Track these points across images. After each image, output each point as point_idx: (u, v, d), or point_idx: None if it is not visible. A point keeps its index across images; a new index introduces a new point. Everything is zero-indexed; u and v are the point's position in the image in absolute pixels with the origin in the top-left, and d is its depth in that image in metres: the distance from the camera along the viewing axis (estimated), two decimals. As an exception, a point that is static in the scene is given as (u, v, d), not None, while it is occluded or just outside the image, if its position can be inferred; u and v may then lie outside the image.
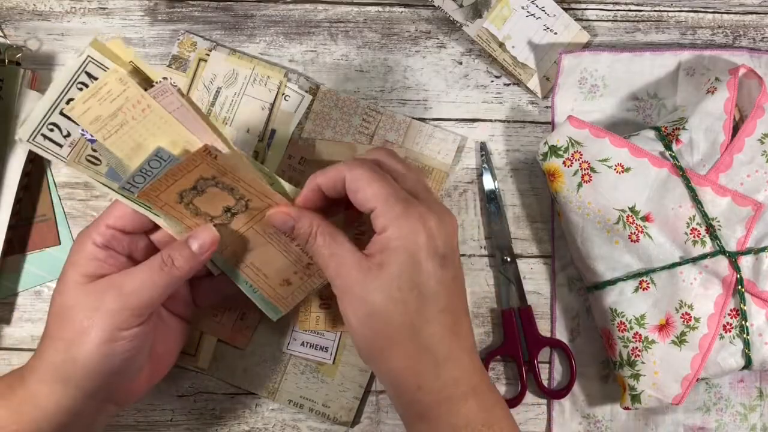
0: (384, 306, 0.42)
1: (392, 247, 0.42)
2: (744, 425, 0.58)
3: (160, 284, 0.45)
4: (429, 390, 0.43)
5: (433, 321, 0.43)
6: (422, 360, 0.43)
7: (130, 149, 0.44)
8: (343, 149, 0.58)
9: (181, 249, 0.46)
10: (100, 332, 0.44)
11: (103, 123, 0.43)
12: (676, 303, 0.53)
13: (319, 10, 0.60)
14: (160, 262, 0.45)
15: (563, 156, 0.54)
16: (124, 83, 0.43)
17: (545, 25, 0.59)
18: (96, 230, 0.46)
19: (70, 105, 0.43)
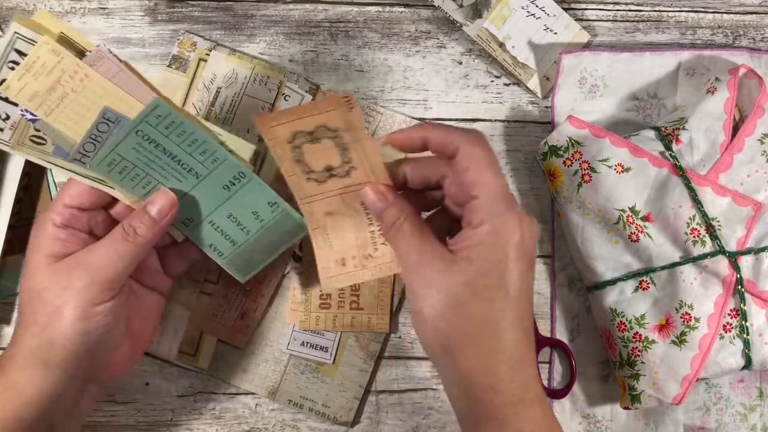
0: (468, 300, 0.41)
1: (486, 243, 0.41)
2: (744, 425, 0.58)
3: (125, 255, 0.45)
4: (501, 391, 0.42)
5: (515, 323, 0.42)
6: (500, 360, 0.42)
7: (74, 122, 0.43)
8: (343, 149, 0.58)
9: (141, 216, 0.45)
10: (73, 310, 0.44)
11: (43, 98, 0.42)
12: (676, 303, 0.53)
13: (319, 10, 0.60)
14: (122, 233, 0.45)
15: (563, 156, 0.54)
16: (57, 54, 0.41)
17: (545, 25, 0.59)
18: (54, 211, 0.46)
19: (5, 84, 0.42)
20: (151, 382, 0.57)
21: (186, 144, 0.45)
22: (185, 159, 0.46)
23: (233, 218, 0.49)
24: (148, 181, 0.46)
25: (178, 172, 0.46)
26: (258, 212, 0.49)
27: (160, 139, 0.44)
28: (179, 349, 0.56)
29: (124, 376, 0.57)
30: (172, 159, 0.45)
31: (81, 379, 0.46)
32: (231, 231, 0.49)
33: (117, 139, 0.43)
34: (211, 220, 0.49)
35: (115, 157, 0.44)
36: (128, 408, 0.57)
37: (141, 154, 0.44)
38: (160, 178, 0.46)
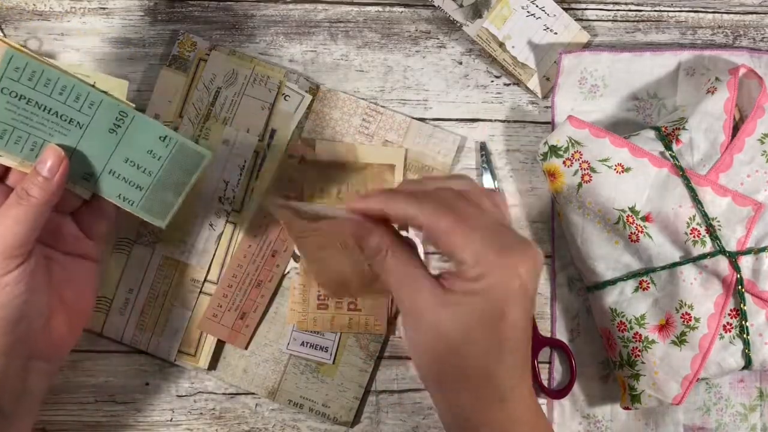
0: (460, 342, 0.40)
1: (481, 294, 0.40)
2: (744, 425, 0.58)
3: (21, 219, 0.44)
4: (492, 427, 0.42)
5: (508, 365, 0.41)
6: (490, 399, 0.42)
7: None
8: (343, 149, 0.58)
9: (33, 178, 0.44)
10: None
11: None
12: (676, 303, 0.53)
13: (319, 10, 0.60)
14: (15, 198, 0.44)
15: (563, 156, 0.54)
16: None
17: (545, 25, 0.59)
18: None
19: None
20: (151, 382, 0.57)
21: (57, 93, 0.44)
22: (62, 110, 0.45)
23: (131, 162, 0.48)
24: (34, 141, 0.45)
25: (60, 126, 0.45)
26: (153, 150, 0.48)
27: (28, 93, 0.43)
28: (179, 349, 0.56)
29: (125, 375, 0.57)
30: (48, 113, 0.44)
31: (21, 357, 0.45)
32: (133, 176, 0.48)
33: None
34: (110, 169, 0.47)
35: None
36: (128, 408, 0.57)
37: (16, 114, 0.44)
38: (45, 136, 0.45)
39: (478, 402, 0.42)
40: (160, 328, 0.56)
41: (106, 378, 0.57)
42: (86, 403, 0.57)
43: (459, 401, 0.42)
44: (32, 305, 0.45)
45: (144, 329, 0.56)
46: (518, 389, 0.43)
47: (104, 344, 0.57)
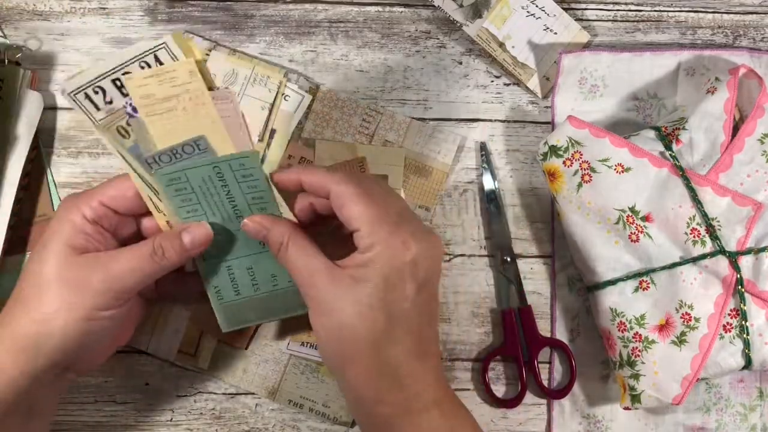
0: (352, 320, 0.42)
1: (372, 266, 0.42)
2: (744, 425, 0.58)
3: (147, 272, 0.45)
4: (389, 403, 0.43)
5: (399, 342, 0.43)
6: (383, 375, 0.43)
7: (166, 133, 0.45)
8: (343, 149, 0.58)
9: (173, 240, 0.46)
10: (82, 311, 0.44)
11: (154, 101, 0.44)
12: (676, 303, 0.53)
13: (319, 10, 0.60)
14: (150, 251, 0.45)
15: (563, 156, 0.54)
16: (192, 76, 0.44)
17: (545, 25, 0.59)
18: (88, 204, 0.46)
19: (130, 75, 0.45)
20: (151, 382, 0.57)
21: (251, 197, 0.47)
22: (242, 207, 0.47)
23: (251, 272, 0.50)
24: (196, 209, 0.47)
25: (228, 215, 0.48)
26: (277, 277, 0.50)
27: (231, 182, 0.46)
28: (179, 349, 0.56)
29: (124, 375, 0.57)
30: (229, 202, 0.47)
31: (61, 368, 0.46)
32: (242, 282, 0.50)
33: (193, 163, 0.46)
34: (230, 264, 0.49)
35: (180, 176, 0.46)
36: (128, 408, 0.57)
37: (205, 185, 0.46)
38: (208, 212, 0.47)
39: (372, 380, 0.43)
40: (160, 328, 0.56)
41: (106, 378, 0.57)
42: (86, 403, 0.57)
43: (354, 379, 0.44)
44: (106, 337, 0.47)
45: (144, 329, 0.56)
46: (417, 371, 0.44)
47: (104, 344, 0.57)
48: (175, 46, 0.48)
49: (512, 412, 0.58)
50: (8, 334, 0.44)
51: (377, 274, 0.42)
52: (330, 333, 0.43)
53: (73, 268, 0.44)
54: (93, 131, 0.58)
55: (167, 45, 0.47)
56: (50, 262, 0.45)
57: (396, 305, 0.43)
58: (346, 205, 0.44)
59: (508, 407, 0.58)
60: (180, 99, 0.44)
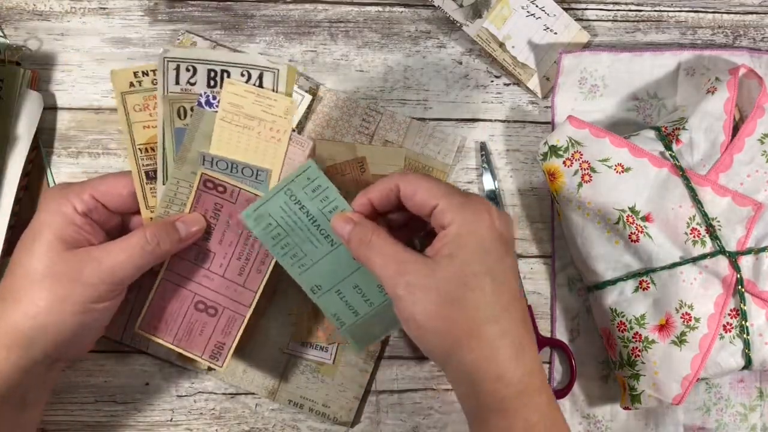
0: (462, 293, 0.41)
1: (461, 235, 0.42)
2: (744, 425, 0.58)
3: (139, 263, 0.45)
4: (509, 380, 0.42)
5: (510, 308, 0.42)
6: (504, 347, 0.42)
7: (225, 143, 0.47)
8: (343, 149, 0.58)
9: (168, 231, 0.46)
10: (76, 305, 0.44)
11: (236, 112, 0.46)
12: (676, 303, 0.53)
13: (319, 10, 0.60)
14: (143, 242, 0.45)
15: (563, 156, 0.54)
16: (286, 113, 0.46)
17: (545, 25, 0.59)
18: (79, 196, 0.46)
19: (233, 81, 0.47)
20: (151, 382, 0.57)
21: (327, 210, 0.47)
22: (324, 224, 0.48)
23: (359, 289, 0.50)
24: (287, 243, 0.48)
25: (315, 237, 0.48)
26: (381, 286, 0.50)
27: (305, 200, 0.47)
28: (179, 349, 0.56)
29: (125, 375, 0.57)
30: (312, 222, 0.48)
31: (53, 360, 0.46)
32: (355, 302, 0.50)
33: (268, 195, 0.47)
34: (338, 289, 0.50)
35: (263, 212, 0.47)
36: (128, 408, 0.57)
37: (286, 214, 0.47)
38: (299, 242, 0.48)
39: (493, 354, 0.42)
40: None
41: (106, 378, 0.57)
42: (86, 403, 0.57)
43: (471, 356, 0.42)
44: (98, 328, 0.48)
45: (144, 329, 0.56)
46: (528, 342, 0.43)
47: (104, 344, 0.56)
48: (283, 78, 0.48)
49: (512, 412, 0.58)
50: (1, 328, 0.44)
51: (470, 242, 0.42)
52: (436, 315, 0.42)
53: (65, 262, 0.44)
54: (92, 131, 0.58)
55: (278, 73, 0.48)
56: (41, 257, 0.45)
57: (496, 269, 0.42)
58: (418, 190, 0.44)
59: (508, 407, 0.58)
60: (263, 124, 0.46)
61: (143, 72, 0.49)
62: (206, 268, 0.50)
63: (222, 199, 0.49)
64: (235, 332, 0.51)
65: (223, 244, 0.50)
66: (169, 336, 0.51)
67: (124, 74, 0.49)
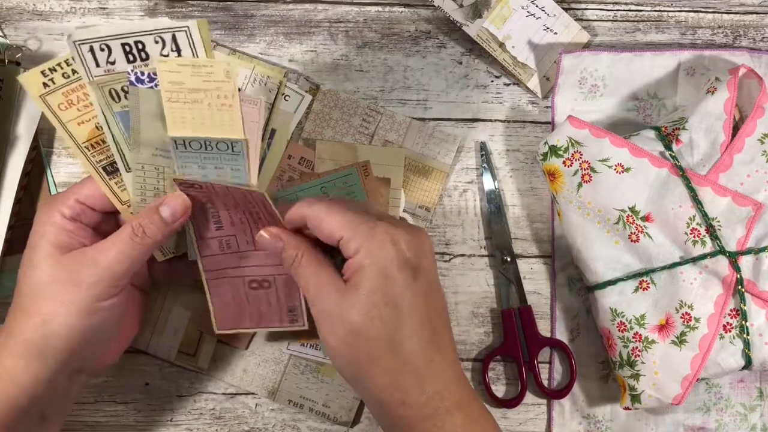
0: (362, 324, 0.42)
1: (363, 266, 0.43)
2: (744, 425, 0.58)
3: (132, 254, 0.46)
4: (413, 405, 0.43)
5: (413, 334, 0.43)
6: (404, 374, 0.43)
7: (178, 122, 0.45)
8: (343, 149, 0.58)
9: (151, 216, 0.46)
10: (79, 306, 0.44)
11: (180, 89, 0.44)
12: (676, 303, 0.53)
13: (319, 10, 0.60)
14: (130, 233, 0.45)
15: (563, 156, 0.54)
16: (227, 77, 0.44)
17: (545, 25, 0.59)
18: (64, 203, 0.47)
19: (164, 59, 0.45)
20: (151, 382, 0.57)
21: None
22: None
23: None
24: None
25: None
26: None
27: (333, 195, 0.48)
28: (179, 349, 0.56)
29: (125, 375, 0.57)
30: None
31: (73, 370, 0.47)
32: None
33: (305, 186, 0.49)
34: None
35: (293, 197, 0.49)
36: (128, 408, 0.57)
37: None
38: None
39: (394, 380, 0.43)
40: (160, 328, 0.56)
41: (106, 378, 0.57)
42: (86, 403, 0.57)
43: (375, 383, 0.43)
44: (110, 331, 0.48)
45: (144, 329, 0.56)
46: (436, 364, 0.43)
47: (104, 344, 0.57)
48: (196, 35, 0.47)
49: (512, 412, 0.58)
50: (16, 342, 0.45)
51: (372, 272, 0.42)
52: (342, 342, 0.43)
53: (63, 267, 0.45)
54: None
55: (189, 30, 0.47)
56: (41, 266, 0.45)
57: (399, 297, 0.43)
58: (323, 220, 0.44)
59: (508, 407, 0.58)
60: (209, 94, 0.44)
61: (50, 69, 0.47)
62: (237, 251, 0.50)
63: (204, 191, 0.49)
64: (296, 291, 0.51)
65: (236, 224, 0.49)
66: (246, 322, 0.52)
67: (32, 77, 0.47)
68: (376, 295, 0.42)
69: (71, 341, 0.45)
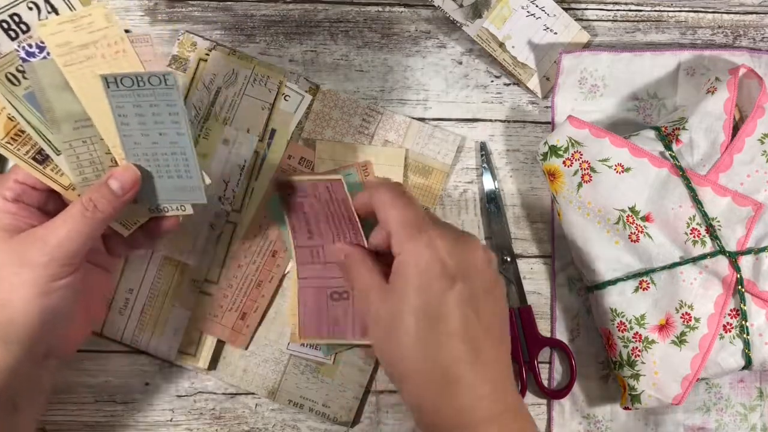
0: (397, 330, 0.42)
1: (402, 268, 0.42)
2: (744, 425, 0.58)
3: (84, 231, 0.44)
4: (445, 414, 0.42)
5: (445, 345, 0.42)
6: (436, 381, 0.42)
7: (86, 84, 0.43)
8: (343, 149, 0.58)
9: (101, 190, 0.44)
10: (34, 287, 0.43)
11: (71, 50, 0.42)
12: (676, 303, 0.53)
13: (319, 10, 0.60)
14: (81, 208, 0.44)
15: (563, 156, 0.54)
16: (108, 20, 0.42)
17: (545, 25, 0.59)
18: (4, 185, 0.46)
19: (43, 21, 0.42)
20: (151, 382, 0.57)
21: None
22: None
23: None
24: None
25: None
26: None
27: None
28: (179, 349, 0.56)
29: (125, 375, 0.57)
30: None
31: (40, 355, 0.46)
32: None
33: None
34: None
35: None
36: (128, 408, 0.57)
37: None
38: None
39: (426, 388, 0.42)
40: (160, 328, 0.56)
41: (106, 378, 0.57)
42: (86, 403, 0.57)
43: (411, 388, 0.43)
44: (69, 311, 0.46)
45: (144, 329, 0.56)
46: (469, 379, 0.42)
47: (104, 344, 0.57)
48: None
49: (512, 412, 0.58)
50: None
51: (408, 277, 0.42)
52: (382, 344, 0.43)
53: (11, 250, 0.44)
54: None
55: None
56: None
57: (432, 307, 0.41)
58: (382, 208, 0.44)
59: (508, 407, 0.58)
60: (98, 45, 0.42)
61: None
62: (322, 261, 0.52)
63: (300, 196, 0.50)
64: None
65: (324, 234, 0.51)
66: (324, 332, 0.54)
67: None
68: (410, 299, 0.42)
69: (31, 325, 0.44)
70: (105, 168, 0.46)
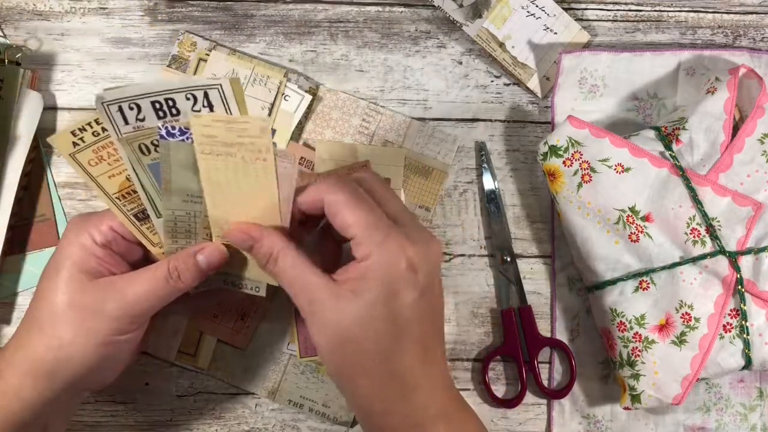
0: (357, 333, 0.41)
1: (370, 275, 0.41)
2: (744, 425, 0.58)
3: (162, 295, 0.45)
4: (396, 414, 0.43)
5: (406, 351, 0.42)
6: (391, 386, 0.42)
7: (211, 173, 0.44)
8: (343, 149, 0.58)
9: (188, 262, 0.45)
10: (99, 337, 0.44)
11: (214, 143, 0.43)
12: (676, 303, 0.53)
13: (319, 10, 0.60)
14: (165, 274, 0.45)
15: (563, 156, 0.54)
16: (262, 132, 0.43)
17: (545, 25, 0.59)
18: (96, 228, 0.46)
19: (198, 114, 0.44)
20: (151, 382, 0.57)
21: None
22: None
23: None
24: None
25: None
26: None
27: None
28: (179, 349, 0.56)
29: (124, 375, 0.57)
30: None
31: (80, 390, 0.47)
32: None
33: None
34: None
35: None
36: (128, 408, 0.57)
37: None
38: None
39: (380, 392, 0.43)
40: (160, 328, 0.56)
41: (106, 378, 0.57)
42: (86, 403, 0.57)
43: (361, 391, 0.43)
44: (123, 358, 0.48)
45: (144, 329, 0.56)
46: (424, 380, 0.43)
47: (104, 344, 0.57)
48: (229, 92, 0.46)
49: (512, 412, 0.58)
50: (25, 358, 0.44)
51: (377, 284, 0.41)
52: (334, 348, 0.42)
53: (87, 294, 0.44)
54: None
55: (221, 88, 0.45)
56: (64, 288, 0.45)
57: (399, 314, 0.42)
58: (340, 212, 0.42)
59: (508, 407, 0.58)
60: (243, 150, 0.43)
61: (80, 128, 0.47)
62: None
63: None
64: None
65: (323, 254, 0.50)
66: None
67: (63, 138, 0.47)
68: (376, 308, 0.41)
69: (83, 368, 0.45)
70: (197, 241, 0.48)
